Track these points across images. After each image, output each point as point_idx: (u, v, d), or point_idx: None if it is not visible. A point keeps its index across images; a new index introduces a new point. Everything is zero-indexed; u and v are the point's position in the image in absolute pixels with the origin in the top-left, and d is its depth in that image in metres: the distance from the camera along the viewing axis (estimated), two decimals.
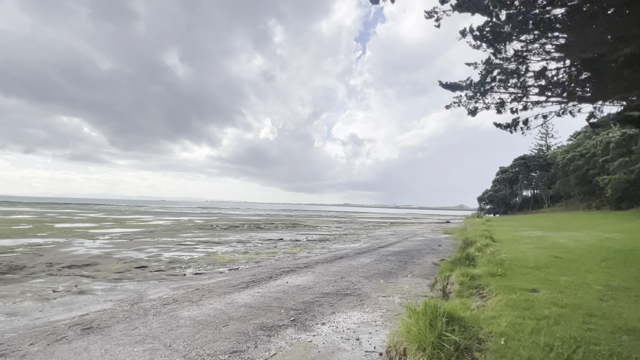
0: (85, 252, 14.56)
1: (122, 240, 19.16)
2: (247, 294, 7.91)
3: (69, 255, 13.61)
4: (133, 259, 13.16)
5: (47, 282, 9.15)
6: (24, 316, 6.27)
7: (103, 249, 15.62)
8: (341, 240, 21.74)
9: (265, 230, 28.68)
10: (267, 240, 21.08)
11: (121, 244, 17.31)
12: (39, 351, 4.70)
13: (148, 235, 22.09)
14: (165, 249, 16.11)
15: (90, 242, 17.97)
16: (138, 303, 7.11)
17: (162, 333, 5.39)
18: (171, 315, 6.26)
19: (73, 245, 16.53)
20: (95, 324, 5.80)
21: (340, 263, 12.46)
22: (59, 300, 7.36)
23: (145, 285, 8.84)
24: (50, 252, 14.25)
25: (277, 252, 15.60)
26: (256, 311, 6.60)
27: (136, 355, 4.58)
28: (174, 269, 11.39)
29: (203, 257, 13.79)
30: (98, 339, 5.15)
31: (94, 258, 13.01)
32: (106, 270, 10.86)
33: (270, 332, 5.52)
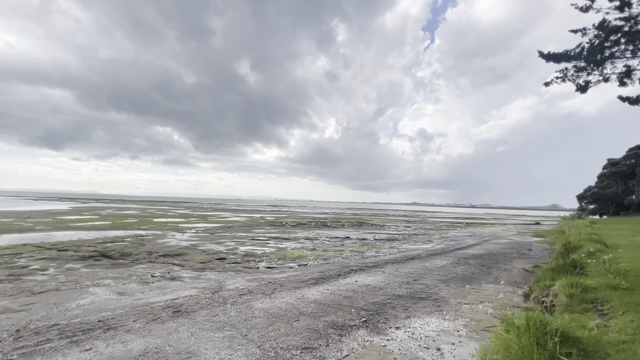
0: (176, 243, 16.49)
1: (205, 234, 21.26)
2: (317, 290, 7.88)
3: (164, 245, 15.58)
4: (214, 251, 14.42)
5: (147, 268, 10.53)
6: (130, 296, 7.25)
7: (190, 241, 17.51)
8: (411, 241, 20.60)
9: (332, 228, 28.88)
10: (333, 238, 21.14)
11: (204, 237, 19.20)
12: (140, 328, 5.31)
13: (226, 230, 24.13)
14: (241, 243, 17.32)
15: (180, 235, 20.35)
16: (218, 292, 7.64)
17: (239, 322, 5.63)
18: (247, 306, 6.54)
19: (167, 237, 18.93)
20: (183, 308, 6.37)
21: (412, 264, 11.70)
22: (155, 284, 8.35)
23: (224, 276, 9.52)
24: (150, 242, 16.52)
25: (345, 250, 15.45)
26: (326, 308, 6.49)
27: (217, 341, 4.83)
28: (249, 262, 12.08)
29: (274, 252, 14.39)
30: (185, 322, 5.62)
31: (182, 249, 14.63)
32: (192, 260, 12.07)
33: (341, 331, 5.33)
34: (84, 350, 4.48)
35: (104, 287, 7.93)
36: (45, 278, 8.76)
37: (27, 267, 10.11)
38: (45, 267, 10.18)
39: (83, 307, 6.37)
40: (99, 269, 10.04)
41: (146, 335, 5.00)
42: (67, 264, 10.65)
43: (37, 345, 4.60)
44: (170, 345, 4.68)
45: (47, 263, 10.74)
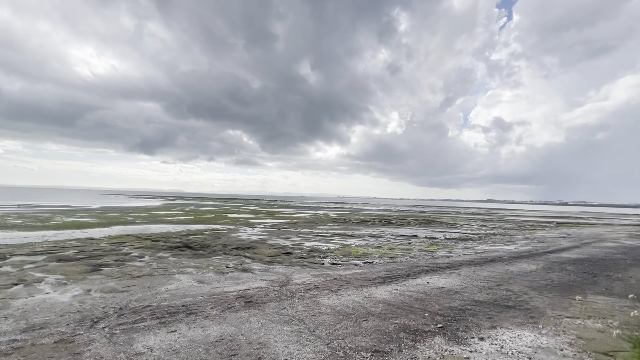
0: (247, 237, 17.58)
1: (273, 229, 22.30)
2: (385, 289, 7.48)
3: (236, 239, 16.74)
4: (281, 245, 14.95)
5: (223, 259, 11.36)
6: (208, 284, 7.84)
7: (259, 235, 18.51)
8: (489, 241, 18.56)
9: (397, 225, 27.76)
10: (399, 235, 20.23)
11: (272, 232, 20.13)
12: (216, 315, 5.64)
13: (292, 226, 24.98)
14: (306, 238, 17.67)
15: (250, 229, 21.70)
16: (286, 285, 7.78)
17: (306, 317, 5.59)
18: (313, 301, 6.50)
19: (239, 231, 20.34)
20: (254, 299, 6.61)
21: (493, 267, 10.42)
22: (229, 275, 8.91)
23: (291, 270, 9.72)
24: (225, 236, 17.92)
25: (412, 249, 14.60)
26: (396, 310, 6.07)
27: (286, 334, 4.84)
28: (314, 257, 12.19)
29: (338, 249, 14.31)
30: (256, 312, 5.80)
31: (252, 243, 15.51)
32: (262, 253, 12.67)
33: (414, 336, 4.88)
34: (171, 331, 4.90)
35: (187, 275, 8.74)
36: (141, 264, 10.05)
37: (129, 254, 11.76)
38: (142, 254, 11.73)
39: (170, 292, 7.07)
40: (183, 258, 11.17)
41: (222, 323, 5.27)
42: (158, 253, 12.11)
43: (134, 323, 5.19)
44: (243, 334, 4.83)
45: (143, 251, 12.36)
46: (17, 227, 18.63)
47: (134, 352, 4.20)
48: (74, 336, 4.66)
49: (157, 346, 4.39)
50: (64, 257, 10.74)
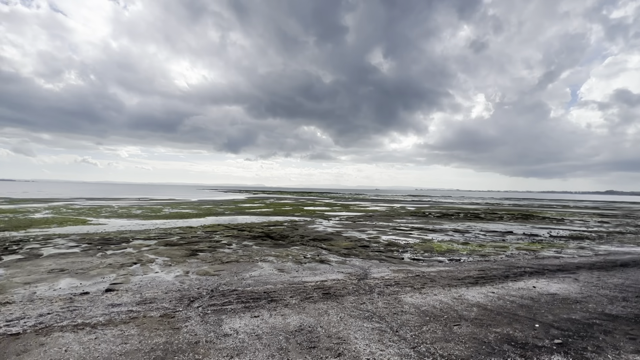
0: (323, 229, 17.82)
1: (348, 222, 22.20)
2: (478, 292, 6.53)
3: (313, 231, 17.10)
4: (357, 238, 14.69)
5: (300, 249, 11.64)
6: (287, 273, 8.03)
7: (335, 228, 18.58)
8: (614, 241, 15.03)
9: (487, 220, 24.78)
10: (490, 231, 17.94)
11: (347, 225, 20.02)
12: (295, 304, 5.66)
13: (367, 219, 24.51)
14: (383, 232, 17.03)
15: (326, 222, 22.00)
16: (364, 279, 7.46)
17: (387, 315, 5.18)
18: (394, 298, 6.03)
19: (315, 223, 20.80)
20: (332, 291, 6.47)
21: (626, 274, 8.28)
22: (307, 265, 9.01)
23: (368, 263, 9.35)
24: (302, 227, 18.51)
25: (508, 247, 12.71)
26: (495, 316, 5.19)
27: (366, 331, 4.53)
28: (392, 251, 11.58)
29: (418, 243, 13.35)
30: (334, 305, 5.63)
31: (328, 234, 15.61)
32: (338, 245, 12.61)
33: (523, 351, 4.04)
34: (254, 316, 5.06)
35: (268, 263, 9.14)
36: (230, 251, 10.96)
37: (220, 241, 13.01)
38: (230, 242, 12.84)
39: (253, 278, 7.44)
40: (265, 247, 11.81)
41: (301, 312, 5.24)
42: (244, 241, 13.09)
43: (222, 305, 5.54)
44: (322, 326, 4.69)
45: (231, 240, 13.53)
46: (137, 217, 22.55)
47: (222, 333, 4.43)
48: (175, 312, 5.18)
49: (242, 329, 4.56)
50: (170, 242, 12.44)
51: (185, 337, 4.30)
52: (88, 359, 3.69)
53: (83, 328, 4.49)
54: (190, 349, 3.98)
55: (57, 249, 10.66)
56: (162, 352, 3.87)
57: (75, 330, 4.41)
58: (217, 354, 3.86)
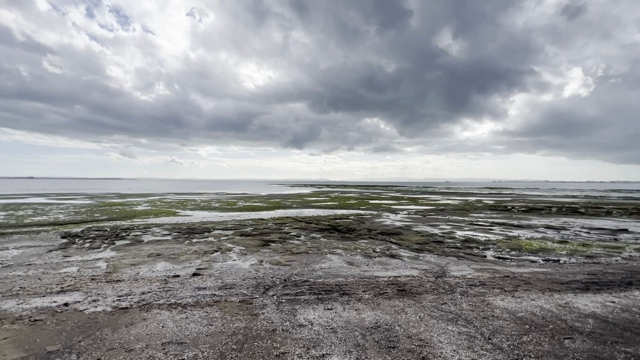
0: (391, 223, 17.15)
1: (417, 216, 21.02)
2: (591, 300, 5.40)
3: (380, 224, 16.58)
4: (429, 233, 13.74)
5: (369, 243, 11.31)
6: (357, 267, 7.81)
7: (403, 222, 17.74)
8: None
9: (589, 216, 20.99)
10: (595, 229, 15.08)
11: (417, 219, 18.95)
12: (369, 299, 5.41)
13: (439, 213, 22.88)
14: (458, 227, 15.65)
15: (393, 215, 21.17)
16: (442, 277, 6.83)
17: (475, 318, 4.58)
18: (481, 300, 5.33)
19: (382, 217, 20.17)
20: (407, 287, 6.04)
21: None
22: (377, 259, 8.67)
23: (444, 260, 8.59)
24: (368, 221, 18.10)
25: (624, 248, 10.46)
26: (622, 332, 4.18)
27: (452, 335, 4.05)
28: (471, 248, 10.49)
29: (502, 240, 11.86)
30: (412, 303, 5.22)
31: (397, 229, 14.93)
32: (408, 240, 11.93)
33: None
34: (327, 309, 4.96)
35: (337, 256, 9.05)
36: (299, 243, 11.20)
37: (289, 233, 13.44)
38: (298, 234, 13.16)
39: (323, 270, 7.41)
40: (333, 240, 11.79)
41: (375, 308, 4.97)
42: (312, 234, 13.30)
43: (296, 295, 5.58)
44: (400, 325, 4.35)
45: (299, 232, 13.88)
46: (216, 209, 24.81)
47: (297, 323, 4.42)
48: (252, 299, 5.39)
49: (316, 321, 4.49)
50: (245, 233, 13.29)
51: (263, 324, 4.39)
52: (180, 336, 4.01)
53: (175, 307, 4.94)
54: (268, 336, 4.04)
55: (154, 237, 12.23)
56: (243, 337, 4.00)
57: (169, 309, 4.87)
58: (293, 344, 3.84)
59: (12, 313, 4.63)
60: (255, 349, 3.72)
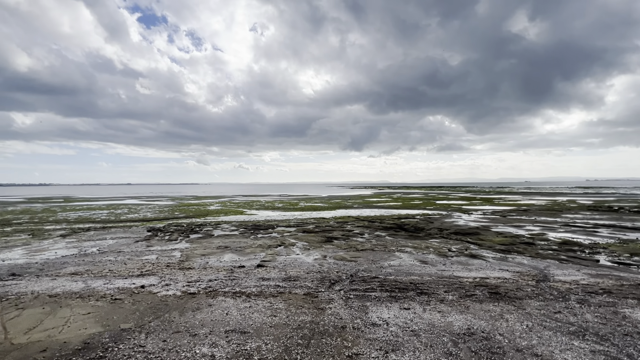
0: (464, 223, 15.38)
1: (495, 216, 18.62)
2: None
3: (451, 224, 14.98)
4: (513, 234, 11.87)
5: (442, 242, 10.13)
6: (432, 265, 6.88)
7: (479, 222, 15.79)
8: None
9: None
10: None
11: (495, 220, 16.73)
12: (454, 301, 4.55)
13: (521, 213, 19.98)
14: (549, 228, 13.29)
15: (466, 216, 19.09)
16: (545, 282, 5.55)
17: (611, 334, 3.43)
18: (613, 312, 4.06)
19: (453, 217, 18.32)
20: (501, 291, 4.98)
21: None
22: (455, 259, 7.57)
23: (542, 263, 7.11)
24: (437, 220, 16.55)
25: None
26: None
27: (581, 354, 3.03)
28: (574, 251, 8.62)
29: (615, 244, 9.58)
30: (511, 309, 4.21)
31: (473, 229, 13.26)
32: (489, 240, 10.40)
33: None
34: (403, 308, 4.27)
35: (407, 254, 8.19)
36: (363, 240, 10.56)
37: (352, 231, 12.87)
38: (362, 232, 12.51)
39: (393, 268, 6.67)
40: (400, 238, 10.87)
41: (464, 312, 4.11)
42: (376, 232, 12.52)
43: (365, 292, 4.99)
44: (502, 335, 3.45)
45: (362, 229, 13.21)
46: (279, 209, 25.49)
47: (370, 322, 3.83)
48: (317, 292, 4.96)
49: (392, 321, 3.84)
50: (307, 230, 13.13)
51: (331, 319, 3.91)
52: (244, 324, 3.74)
53: (240, 296, 4.75)
54: (337, 333, 3.53)
55: (223, 232, 12.80)
56: (309, 331, 3.56)
57: (234, 297, 4.71)
58: (368, 344, 3.26)
59: (98, 291, 4.95)
60: (324, 347, 3.24)
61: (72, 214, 22.87)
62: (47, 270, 6.50)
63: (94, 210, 25.96)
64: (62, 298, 4.58)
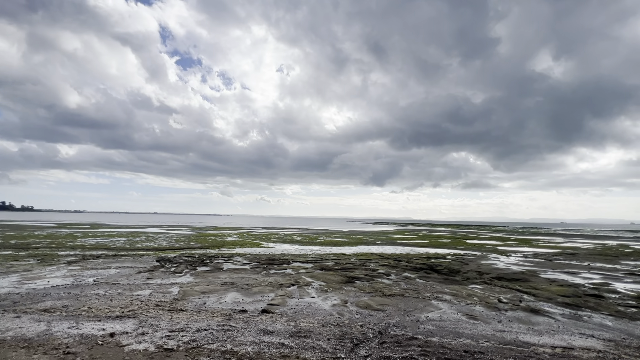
0: (505, 266, 13.40)
1: (538, 259, 16.32)
2: None
3: (490, 267, 13.05)
4: (569, 282, 9.92)
5: (485, 289, 8.45)
6: (485, 323, 5.35)
7: (521, 266, 13.73)
8: None
9: None
10: None
11: (540, 264, 14.53)
12: None
13: (568, 257, 17.48)
14: (612, 277, 11.14)
15: (505, 258, 16.92)
16: None
17: None
18: None
19: (489, 259, 16.23)
20: None
21: None
22: (511, 314, 5.97)
23: (634, 325, 5.38)
24: (473, 262, 14.60)
25: None
26: None
27: None
28: None
29: None
30: None
31: (518, 274, 11.34)
32: (543, 289, 8.58)
33: None
34: None
35: (447, 303, 6.66)
36: (389, 282, 9.06)
37: (376, 270, 11.35)
38: (388, 272, 10.96)
39: (434, 324, 5.21)
40: (433, 282, 9.27)
41: None
42: (404, 273, 10.93)
43: None
44: None
45: (388, 269, 11.64)
46: (297, 242, 24.17)
47: None
48: (335, 359, 3.65)
49: None
50: (325, 267, 11.74)
51: None
52: None
53: (230, 358, 3.54)
54: None
55: (234, 265, 11.69)
56: None
57: (221, 359, 3.50)
58: None
59: (54, 339, 3.92)
60: None
61: (91, 240, 22.72)
62: (22, 303, 5.61)
63: (114, 237, 25.83)
64: (4, 347, 3.58)
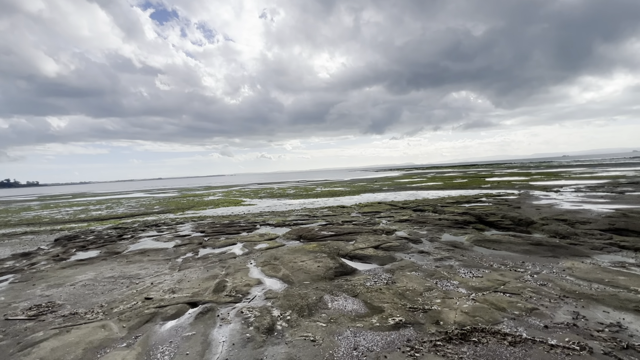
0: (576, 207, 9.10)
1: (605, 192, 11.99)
2: None
3: (561, 209, 8.73)
4: None
5: None
6: None
7: (601, 203, 9.41)
8: None
9: None
10: None
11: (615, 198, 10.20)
12: None
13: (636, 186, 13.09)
14: None
15: (556, 194, 12.68)
16: None
17: None
18: None
19: (539, 198, 11.95)
20: None
21: None
22: None
23: None
24: (524, 204, 10.33)
25: None
26: None
27: None
28: None
29: None
30: None
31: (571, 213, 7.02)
32: None
33: None
34: None
35: None
36: (428, 266, 4.77)
37: (391, 232, 7.08)
38: (413, 235, 6.68)
39: None
40: (514, 253, 4.93)
41: None
42: (441, 233, 6.67)
43: None
44: None
45: (411, 228, 7.38)
46: (288, 196, 20.06)
47: None
48: None
49: None
50: (307, 234, 7.48)
51: None
52: None
53: None
54: None
55: (152, 243, 7.50)
56: None
57: None
58: None
59: None
60: None
61: (45, 212, 18.82)
62: None
63: (79, 206, 21.93)
64: None
